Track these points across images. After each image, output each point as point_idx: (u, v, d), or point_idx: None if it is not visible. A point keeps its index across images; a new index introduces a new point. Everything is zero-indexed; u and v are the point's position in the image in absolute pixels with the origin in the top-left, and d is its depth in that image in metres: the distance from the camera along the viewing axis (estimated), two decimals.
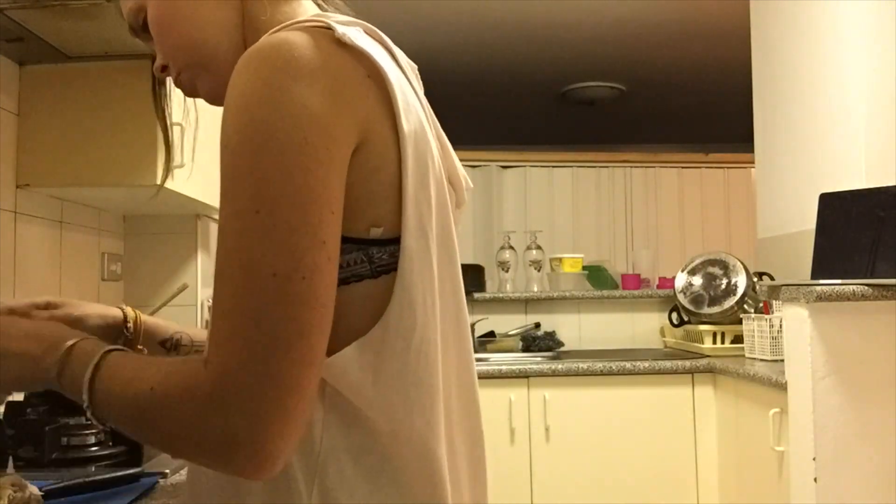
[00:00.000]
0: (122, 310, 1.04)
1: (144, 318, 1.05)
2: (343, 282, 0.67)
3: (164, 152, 1.01)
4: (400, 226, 0.68)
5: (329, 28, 0.68)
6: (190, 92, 0.85)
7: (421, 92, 0.81)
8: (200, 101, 0.89)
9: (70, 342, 0.70)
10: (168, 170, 1.06)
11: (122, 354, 0.69)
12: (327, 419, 0.68)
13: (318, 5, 0.84)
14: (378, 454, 0.69)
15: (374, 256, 0.68)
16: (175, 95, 0.93)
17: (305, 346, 0.62)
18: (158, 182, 1.72)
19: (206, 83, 0.82)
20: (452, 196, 0.83)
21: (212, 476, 0.73)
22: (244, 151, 0.63)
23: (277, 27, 0.72)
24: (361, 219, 0.67)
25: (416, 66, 0.83)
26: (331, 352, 0.66)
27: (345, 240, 0.67)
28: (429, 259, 0.71)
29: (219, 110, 0.71)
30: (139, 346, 1.03)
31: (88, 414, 0.67)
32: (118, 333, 1.02)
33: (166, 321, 1.09)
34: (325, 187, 0.63)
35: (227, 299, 0.62)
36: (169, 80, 0.90)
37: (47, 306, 0.99)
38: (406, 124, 0.69)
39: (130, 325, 1.03)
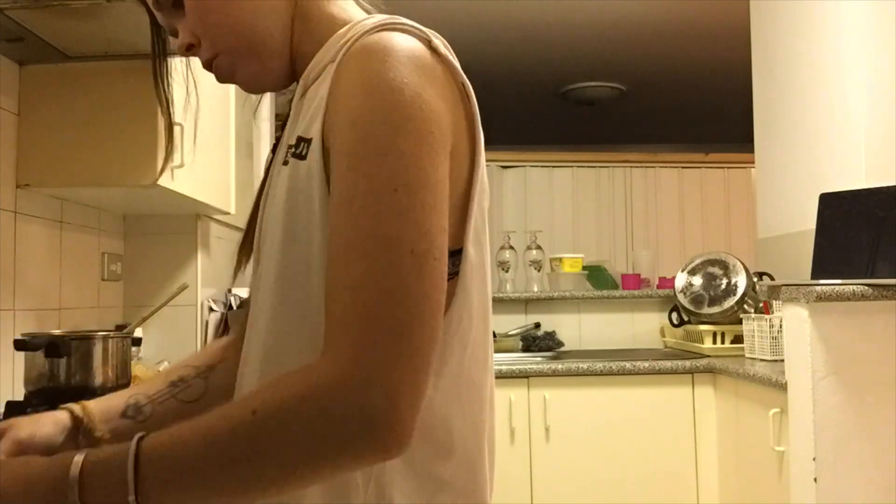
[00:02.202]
0: (69, 411, 0.86)
1: (90, 406, 0.87)
2: None
3: (166, 137, 0.94)
4: (457, 238, 0.70)
5: (427, 38, 0.69)
6: (225, 77, 0.81)
7: None
8: (202, 102, 0.88)
9: (74, 471, 0.62)
10: (169, 153, 0.99)
11: (153, 437, 0.63)
12: None
13: (360, 5, 0.83)
14: (428, 453, 0.71)
15: None
16: (176, 88, 0.91)
17: (436, 325, 0.62)
18: (158, 172, 1.70)
19: (248, 69, 0.79)
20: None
21: None
22: (380, 132, 0.64)
23: (365, 30, 0.71)
24: None
25: None
26: None
27: None
28: (482, 267, 0.74)
29: (220, 110, 0.70)
30: (98, 434, 0.85)
31: None
32: (76, 433, 0.85)
33: (110, 395, 0.91)
34: (446, 180, 0.65)
35: (361, 274, 0.61)
36: (172, 61, 0.87)
37: None
38: (481, 138, 0.72)
39: (84, 420, 0.85)
